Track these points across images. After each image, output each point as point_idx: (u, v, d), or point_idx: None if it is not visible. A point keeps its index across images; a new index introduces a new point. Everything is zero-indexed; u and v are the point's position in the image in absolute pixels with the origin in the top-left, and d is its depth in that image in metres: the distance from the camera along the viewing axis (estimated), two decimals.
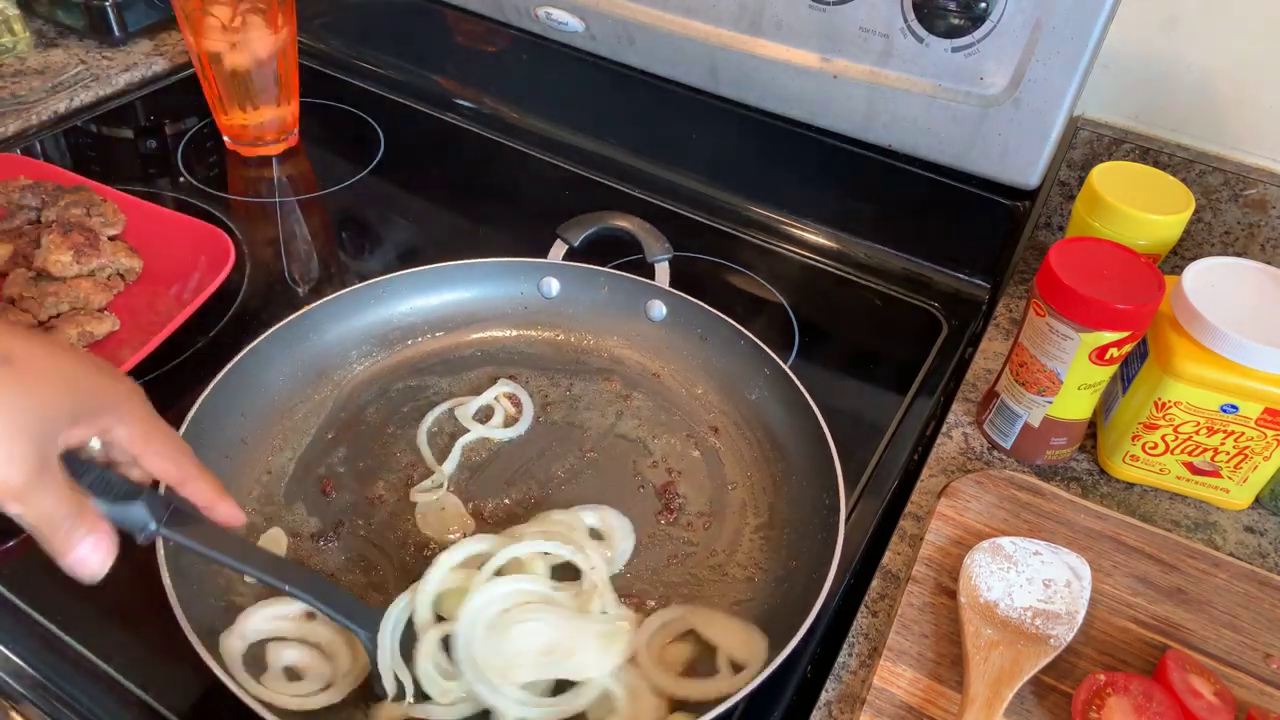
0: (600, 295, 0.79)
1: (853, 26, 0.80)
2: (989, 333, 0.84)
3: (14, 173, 0.86)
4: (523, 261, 0.79)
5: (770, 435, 0.70)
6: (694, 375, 0.76)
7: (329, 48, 1.17)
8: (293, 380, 0.72)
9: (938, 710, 0.54)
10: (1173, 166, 0.82)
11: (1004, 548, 0.60)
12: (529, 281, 0.80)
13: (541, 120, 1.07)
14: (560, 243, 0.81)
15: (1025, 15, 0.73)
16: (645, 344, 0.78)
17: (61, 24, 1.13)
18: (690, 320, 0.76)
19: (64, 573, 0.59)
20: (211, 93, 0.95)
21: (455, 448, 0.69)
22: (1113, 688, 0.53)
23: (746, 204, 0.97)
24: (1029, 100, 0.76)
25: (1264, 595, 0.60)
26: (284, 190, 0.96)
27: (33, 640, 0.56)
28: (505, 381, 0.74)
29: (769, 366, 0.71)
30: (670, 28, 0.89)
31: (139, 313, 0.78)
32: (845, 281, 0.90)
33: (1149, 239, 0.71)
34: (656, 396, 0.75)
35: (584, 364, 0.78)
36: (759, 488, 0.68)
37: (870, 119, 0.84)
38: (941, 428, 0.74)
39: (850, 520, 0.66)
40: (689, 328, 0.76)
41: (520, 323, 0.80)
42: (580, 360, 0.78)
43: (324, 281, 0.86)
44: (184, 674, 0.53)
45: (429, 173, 1.01)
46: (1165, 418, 0.65)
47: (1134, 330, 0.61)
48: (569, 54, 0.98)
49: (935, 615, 0.58)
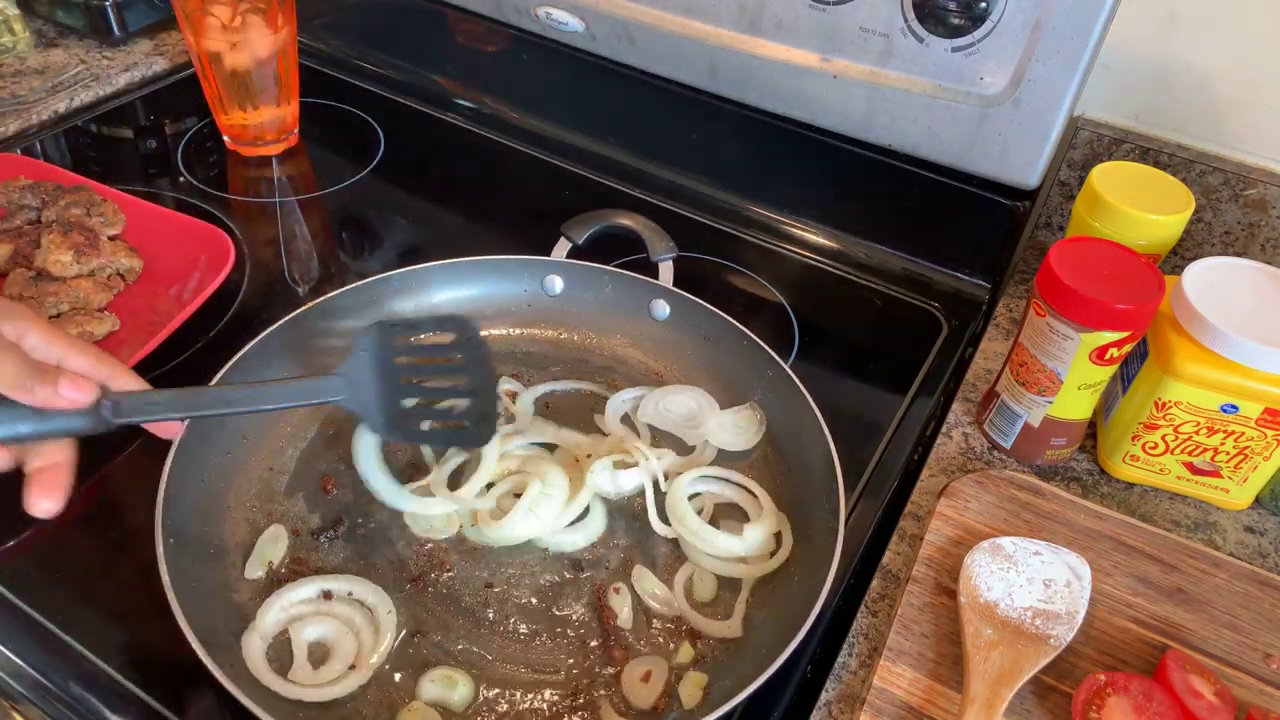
0: (604, 294, 0.79)
1: (853, 26, 0.80)
2: (989, 333, 0.84)
3: (14, 173, 0.86)
4: (527, 259, 0.79)
5: (771, 436, 0.70)
6: (696, 376, 0.76)
7: (329, 48, 1.17)
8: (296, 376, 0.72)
9: (938, 710, 0.54)
10: (1173, 166, 0.82)
11: (1004, 548, 0.60)
12: (533, 279, 0.79)
13: (541, 120, 1.07)
14: (564, 241, 0.81)
15: (1025, 15, 0.73)
16: (648, 343, 0.78)
17: (61, 24, 1.13)
18: (694, 320, 0.76)
19: (64, 572, 0.60)
20: (211, 93, 0.95)
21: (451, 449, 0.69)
22: (1113, 688, 0.53)
23: (746, 204, 0.97)
24: (1029, 100, 0.76)
25: (1264, 595, 0.60)
26: (284, 190, 0.96)
27: (33, 640, 0.56)
28: (507, 379, 0.74)
29: (771, 368, 0.71)
30: (670, 28, 0.89)
31: (139, 313, 0.78)
32: (845, 281, 0.90)
33: (1149, 239, 0.71)
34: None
35: (586, 363, 0.78)
36: (759, 480, 0.68)
37: (870, 119, 0.84)
38: (941, 428, 0.74)
39: (850, 520, 0.66)
40: (692, 328, 0.76)
41: (523, 321, 0.80)
42: (582, 359, 0.78)
43: (324, 281, 0.86)
44: (184, 674, 0.53)
45: (429, 173, 1.01)
46: (1165, 418, 0.65)
47: (1134, 330, 0.61)
48: (569, 54, 0.98)
49: (935, 615, 0.58)
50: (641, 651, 0.58)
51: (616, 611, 0.60)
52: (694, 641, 0.59)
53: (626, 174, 1.00)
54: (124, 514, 0.64)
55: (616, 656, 0.58)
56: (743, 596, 0.61)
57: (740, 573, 0.62)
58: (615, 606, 0.60)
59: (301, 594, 0.58)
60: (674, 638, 0.59)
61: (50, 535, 0.62)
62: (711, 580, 0.62)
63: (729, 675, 0.56)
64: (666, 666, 0.57)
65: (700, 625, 0.60)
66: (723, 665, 0.58)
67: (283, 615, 0.57)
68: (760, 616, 0.60)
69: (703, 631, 0.59)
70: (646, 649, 0.59)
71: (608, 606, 0.60)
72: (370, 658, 0.56)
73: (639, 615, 0.60)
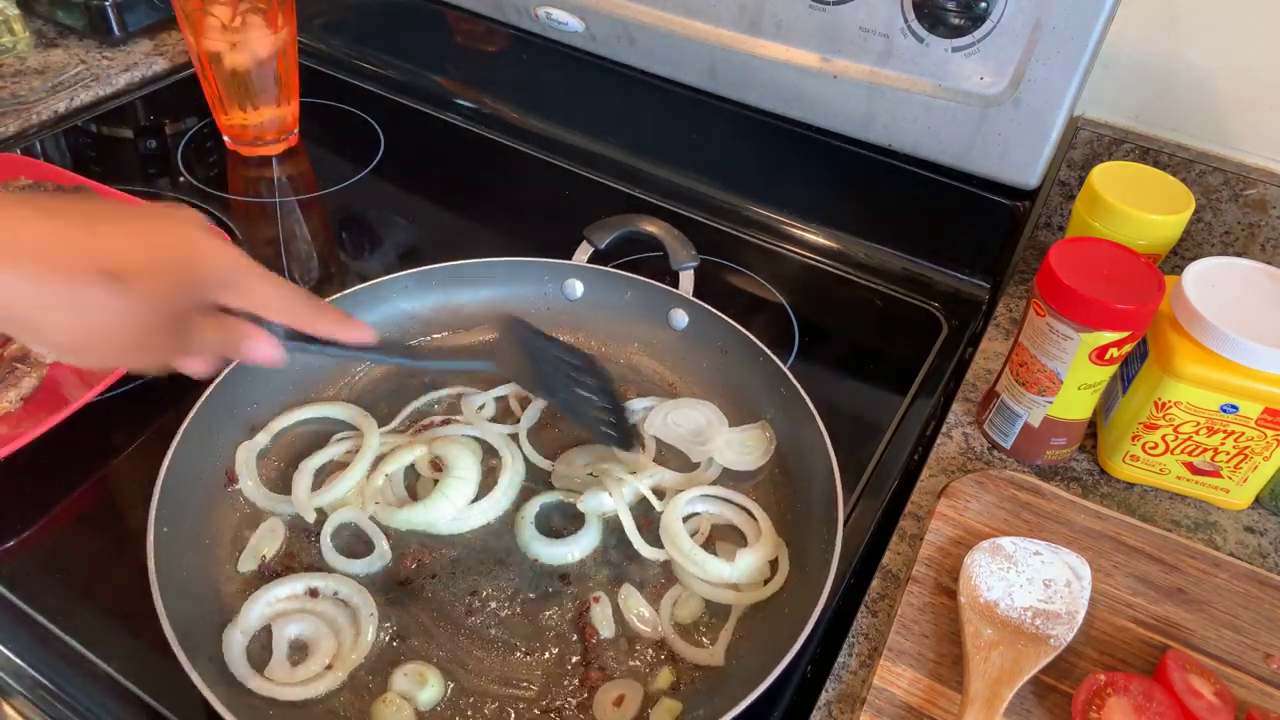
0: (623, 300, 0.78)
1: (853, 26, 0.80)
2: (989, 333, 0.84)
3: (14, 173, 0.86)
4: (548, 262, 0.78)
5: (780, 457, 0.69)
6: (709, 388, 0.75)
7: (329, 48, 1.17)
8: (306, 373, 0.72)
9: (938, 710, 0.54)
10: (1173, 166, 0.82)
11: (1004, 548, 0.60)
12: (554, 283, 0.79)
13: (541, 120, 1.06)
14: (585, 244, 0.80)
15: (1025, 15, 0.73)
16: (664, 353, 0.77)
17: (61, 24, 1.13)
18: (712, 332, 0.75)
19: (64, 572, 0.60)
20: (211, 93, 0.95)
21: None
22: (1113, 688, 0.53)
23: (746, 204, 0.97)
24: (1029, 100, 0.76)
25: (1264, 595, 0.60)
26: (284, 190, 0.96)
27: (32, 640, 0.56)
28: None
29: (785, 387, 0.69)
30: (670, 28, 0.89)
31: None
32: (845, 281, 0.90)
33: (1149, 239, 0.71)
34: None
35: None
36: (762, 503, 0.67)
37: (870, 119, 0.84)
38: (941, 428, 0.74)
39: (850, 520, 0.66)
40: (710, 340, 0.75)
41: (540, 323, 0.77)
42: None
43: (324, 281, 0.86)
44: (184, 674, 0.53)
45: (429, 173, 1.01)
46: (1165, 418, 0.65)
47: (1134, 330, 0.61)
48: (569, 54, 0.98)
49: (935, 615, 0.58)
50: (618, 674, 0.57)
51: (598, 630, 0.59)
52: (674, 667, 0.57)
53: (626, 174, 1.00)
54: (124, 514, 0.64)
55: (593, 677, 0.56)
56: (730, 624, 0.60)
57: (730, 599, 0.61)
58: (597, 624, 0.59)
59: (287, 590, 0.58)
60: (654, 662, 0.58)
61: (50, 535, 0.62)
62: (699, 604, 0.61)
63: (704, 705, 0.55)
64: (642, 692, 0.56)
65: (682, 651, 0.58)
66: (700, 695, 0.56)
67: (267, 611, 0.57)
68: (746, 647, 0.59)
69: (684, 657, 0.58)
70: (624, 672, 0.57)
71: (589, 625, 0.59)
72: (349, 656, 0.56)
73: (620, 636, 0.59)
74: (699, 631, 0.60)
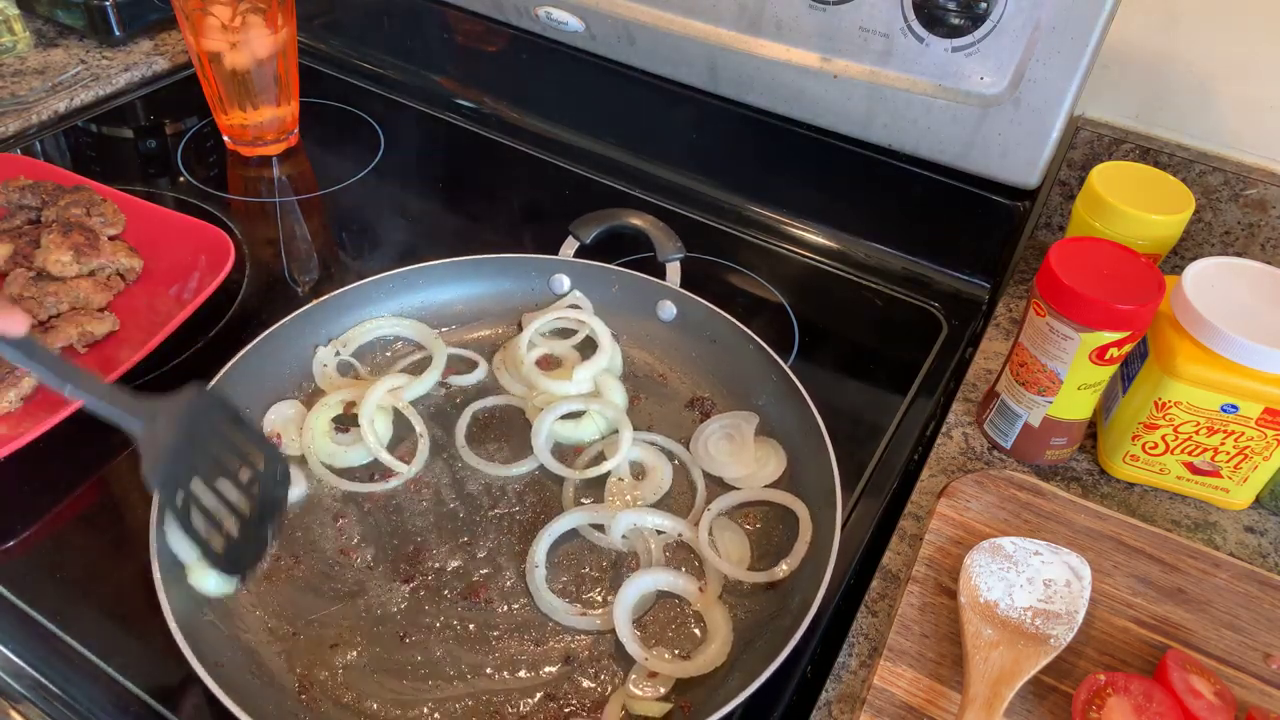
0: (611, 294, 0.79)
1: (853, 26, 0.80)
2: (989, 333, 0.84)
3: (14, 173, 0.86)
4: (534, 257, 0.79)
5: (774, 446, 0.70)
6: (700, 378, 0.75)
7: (329, 48, 1.17)
8: (301, 372, 0.72)
9: (938, 710, 0.54)
10: (1173, 166, 0.82)
11: (1004, 548, 0.60)
12: (540, 278, 0.79)
13: (541, 120, 1.06)
14: (571, 239, 0.80)
15: (1025, 15, 0.73)
16: (653, 344, 0.78)
17: (61, 24, 1.13)
18: (700, 323, 0.75)
19: (64, 572, 0.60)
20: (211, 92, 0.95)
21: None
22: (1113, 688, 0.53)
23: (746, 204, 0.97)
24: (1029, 100, 0.76)
25: (1264, 595, 0.60)
26: (284, 190, 0.96)
27: (33, 640, 0.56)
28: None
29: (776, 373, 0.70)
30: (670, 28, 0.89)
31: (139, 313, 0.78)
32: (845, 281, 0.90)
33: (1149, 239, 0.71)
34: (661, 398, 0.75)
35: None
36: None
37: (870, 119, 0.84)
38: (941, 428, 0.74)
39: (850, 520, 0.66)
40: (698, 330, 0.76)
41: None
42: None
43: (324, 281, 0.86)
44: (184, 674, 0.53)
45: (429, 173, 1.01)
46: (1165, 418, 0.65)
47: (1134, 330, 0.61)
48: (569, 54, 0.98)
49: (935, 615, 0.58)
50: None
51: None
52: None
53: (626, 174, 1.00)
54: (123, 514, 0.64)
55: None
56: (726, 623, 0.59)
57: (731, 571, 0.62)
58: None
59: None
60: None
61: (50, 535, 0.62)
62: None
63: (704, 703, 0.54)
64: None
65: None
66: (699, 690, 0.56)
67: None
68: (744, 646, 0.58)
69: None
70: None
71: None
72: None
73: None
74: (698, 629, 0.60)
